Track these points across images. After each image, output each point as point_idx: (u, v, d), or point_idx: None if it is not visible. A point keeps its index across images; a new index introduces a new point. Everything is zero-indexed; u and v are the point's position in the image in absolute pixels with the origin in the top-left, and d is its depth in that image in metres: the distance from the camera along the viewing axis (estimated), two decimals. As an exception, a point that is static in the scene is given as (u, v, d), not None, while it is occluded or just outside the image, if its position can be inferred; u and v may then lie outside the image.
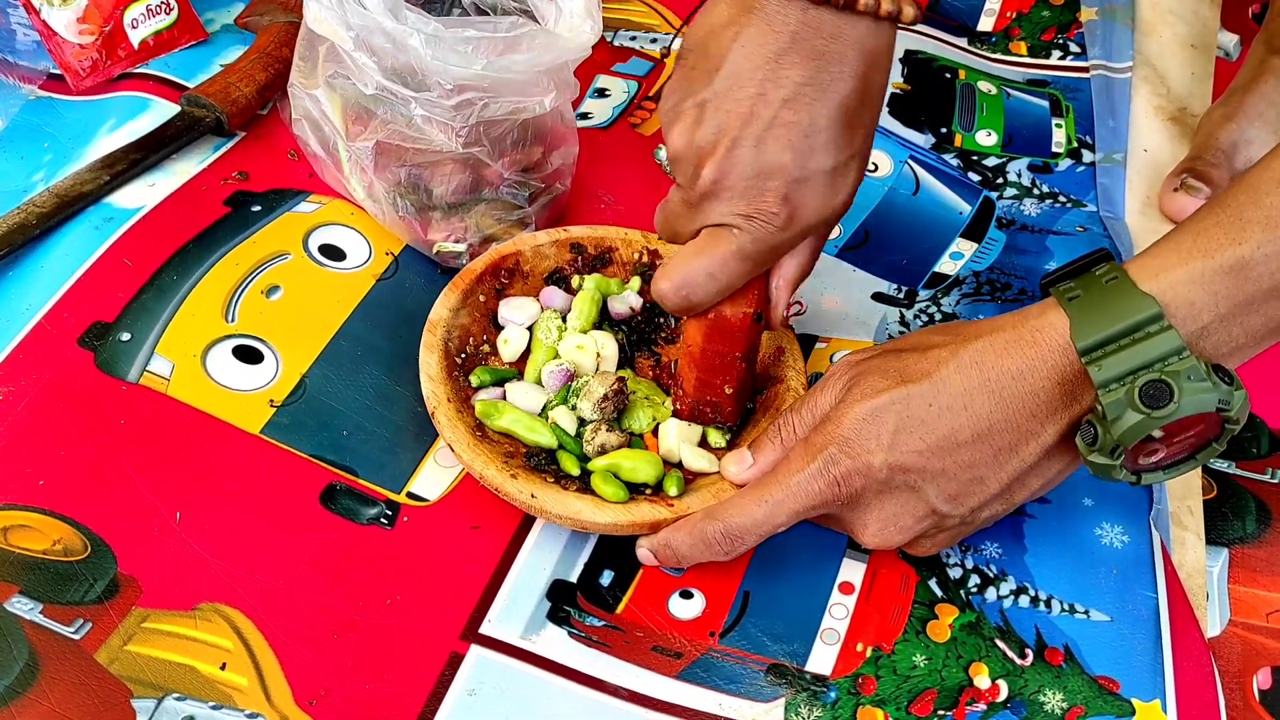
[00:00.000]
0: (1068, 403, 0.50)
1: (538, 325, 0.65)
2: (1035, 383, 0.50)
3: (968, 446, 0.51)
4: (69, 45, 0.80)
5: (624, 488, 0.58)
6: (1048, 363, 0.50)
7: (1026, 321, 0.51)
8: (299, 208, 0.73)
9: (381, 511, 0.60)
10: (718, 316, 0.58)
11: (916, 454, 0.52)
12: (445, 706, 0.53)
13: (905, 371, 0.52)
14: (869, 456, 0.52)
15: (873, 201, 0.80)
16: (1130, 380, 0.47)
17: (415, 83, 0.65)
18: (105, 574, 0.56)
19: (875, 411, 0.52)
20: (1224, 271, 0.47)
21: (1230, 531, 0.62)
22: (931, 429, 0.51)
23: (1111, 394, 0.48)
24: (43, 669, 0.52)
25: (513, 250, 0.67)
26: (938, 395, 0.51)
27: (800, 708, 0.54)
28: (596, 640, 0.56)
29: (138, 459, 0.60)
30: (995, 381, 0.51)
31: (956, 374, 0.51)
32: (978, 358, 0.51)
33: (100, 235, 0.70)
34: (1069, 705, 0.55)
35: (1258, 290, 0.47)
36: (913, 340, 0.55)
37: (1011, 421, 0.51)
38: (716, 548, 0.55)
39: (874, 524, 0.55)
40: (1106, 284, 0.49)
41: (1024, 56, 0.94)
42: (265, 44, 0.81)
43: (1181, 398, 0.47)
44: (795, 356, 0.64)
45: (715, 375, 0.60)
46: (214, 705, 0.52)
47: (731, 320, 0.58)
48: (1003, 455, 0.52)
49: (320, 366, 0.65)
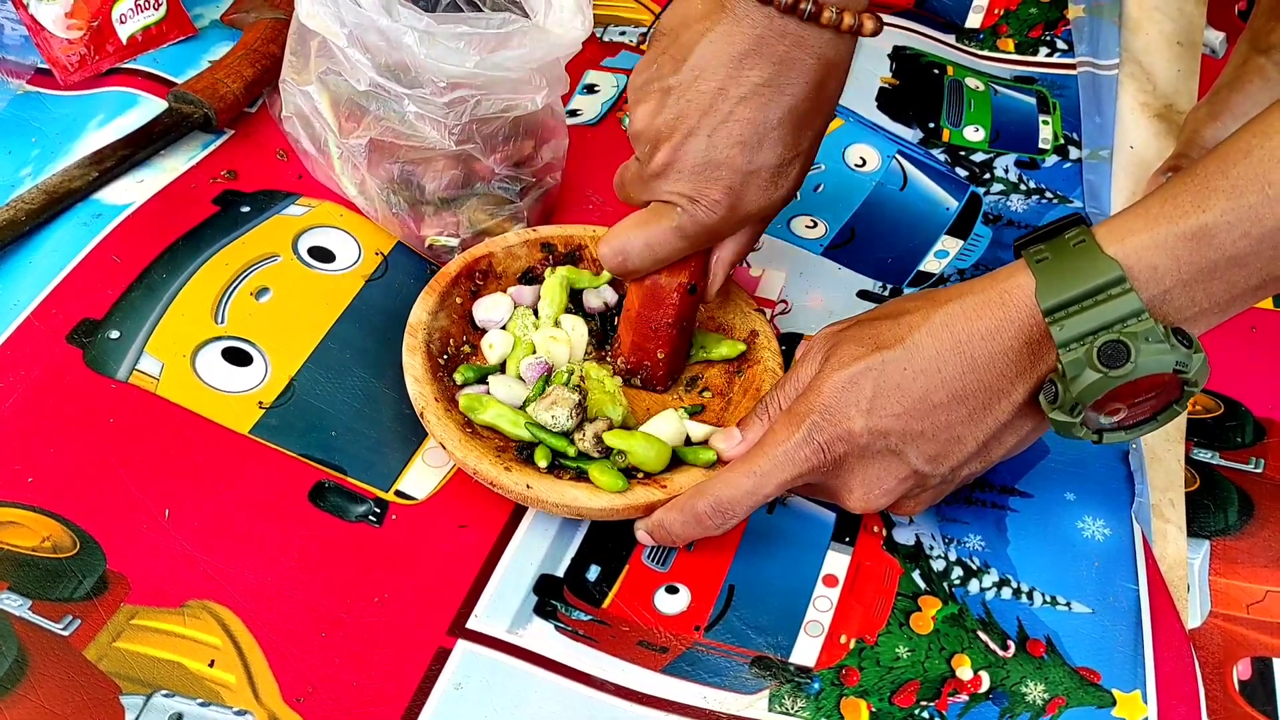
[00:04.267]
0: (1035, 362, 0.51)
1: (512, 322, 0.65)
2: (1004, 343, 0.51)
3: (944, 407, 0.53)
4: (57, 40, 0.80)
5: (622, 476, 0.58)
6: (1015, 323, 0.51)
7: (996, 284, 0.52)
8: (288, 210, 0.74)
9: (370, 509, 0.60)
10: (654, 284, 0.61)
11: (895, 417, 0.53)
12: (432, 701, 0.53)
13: (879, 338, 0.54)
14: (849, 423, 0.54)
15: (860, 197, 0.80)
16: (1090, 340, 0.49)
17: (408, 80, 0.65)
18: (94, 571, 0.56)
19: (853, 378, 0.54)
20: (1187, 237, 0.48)
21: (1212, 523, 0.63)
22: (908, 392, 0.53)
23: (1071, 353, 0.49)
24: (31, 665, 0.52)
25: (485, 252, 0.68)
26: (912, 359, 0.53)
27: (784, 699, 0.55)
28: (583, 634, 0.57)
29: (127, 457, 0.60)
30: (966, 343, 0.52)
31: (929, 337, 0.52)
32: (949, 320, 0.52)
33: (89, 232, 0.70)
34: (1050, 696, 0.55)
35: (1220, 257, 0.48)
36: (887, 309, 0.56)
37: (983, 381, 0.52)
38: (708, 522, 0.56)
39: (858, 488, 0.56)
40: (1074, 247, 0.50)
41: (1011, 53, 0.94)
42: (252, 40, 0.81)
43: (1139, 358, 0.48)
44: (769, 338, 0.65)
45: (649, 340, 0.63)
46: (202, 702, 0.52)
47: (666, 289, 0.61)
48: (978, 414, 0.53)
49: (309, 369, 0.65)
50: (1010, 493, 0.63)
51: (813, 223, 0.78)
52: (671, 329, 0.62)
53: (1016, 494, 0.63)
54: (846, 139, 0.84)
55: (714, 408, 0.64)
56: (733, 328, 0.67)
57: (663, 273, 0.61)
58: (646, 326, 0.62)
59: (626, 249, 0.60)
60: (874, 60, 0.90)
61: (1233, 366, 0.70)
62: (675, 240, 0.59)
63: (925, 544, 0.61)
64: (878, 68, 0.90)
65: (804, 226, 0.78)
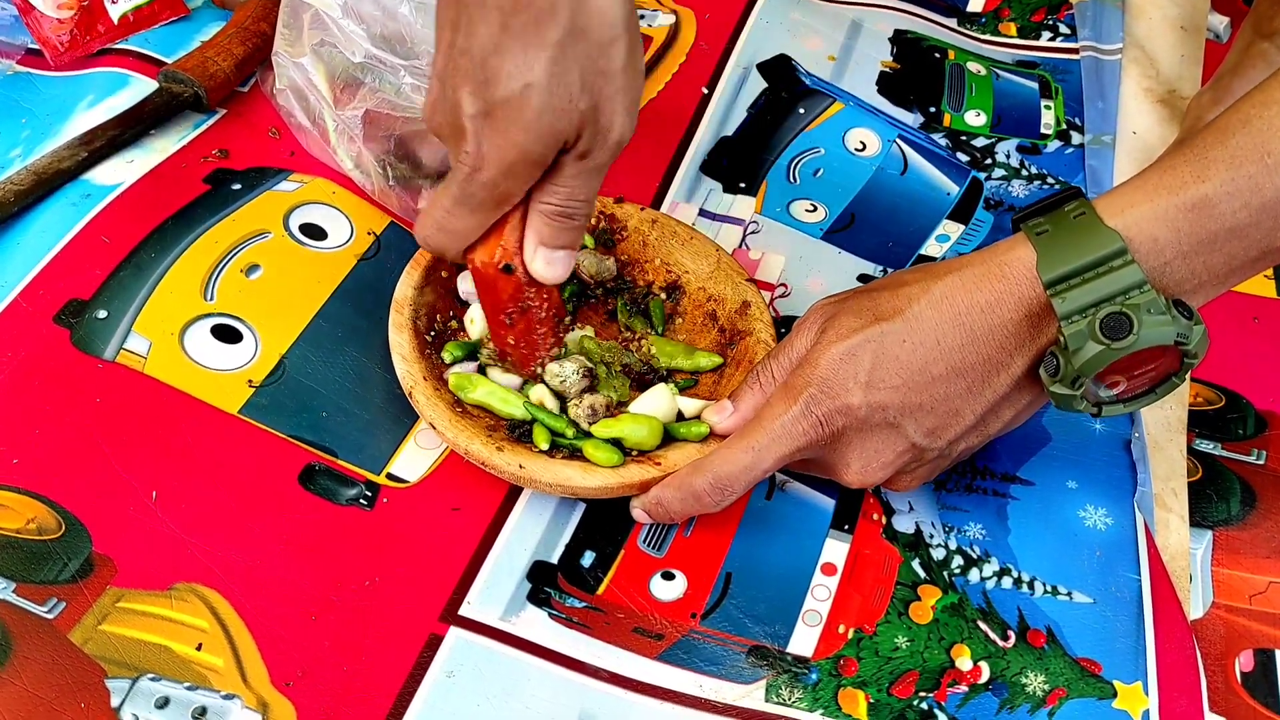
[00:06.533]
0: (1034, 335, 0.51)
1: None
2: (1004, 315, 0.51)
3: (942, 380, 0.52)
4: (47, 20, 0.79)
5: (618, 452, 0.57)
6: (1015, 295, 0.51)
7: (996, 256, 0.52)
8: (280, 186, 0.73)
9: (361, 492, 0.59)
10: (474, 270, 0.58)
11: (893, 390, 0.53)
12: (423, 688, 0.53)
13: (878, 310, 0.53)
14: (848, 396, 0.53)
15: (860, 181, 0.79)
16: (1092, 312, 0.48)
17: (404, 50, 0.64)
18: (80, 553, 0.55)
19: (851, 350, 0.53)
20: (1187, 209, 0.48)
21: (1214, 513, 0.62)
22: (906, 365, 0.52)
23: (1074, 325, 0.49)
24: (15, 649, 0.52)
25: None
26: (911, 331, 0.52)
27: (781, 689, 0.54)
28: (577, 621, 0.56)
29: (113, 437, 0.59)
30: (966, 315, 0.51)
31: (928, 309, 0.52)
32: (948, 292, 0.52)
33: (78, 212, 0.69)
34: (1051, 687, 0.55)
35: (1219, 228, 0.48)
36: (886, 281, 0.56)
37: (982, 354, 0.52)
38: (706, 499, 0.56)
39: (855, 462, 0.55)
40: (1074, 220, 0.50)
41: (1013, 38, 0.94)
42: (242, 19, 0.80)
43: (1141, 330, 0.48)
44: (761, 309, 0.64)
45: (500, 327, 0.60)
46: (189, 686, 0.52)
47: (485, 273, 0.57)
48: (976, 387, 0.53)
49: (300, 347, 0.64)
50: (1012, 481, 0.63)
51: (813, 206, 0.78)
52: (513, 314, 0.59)
53: (1018, 482, 0.63)
54: (846, 123, 0.83)
55: (706, 382, 0.64)
56: (724, 299, 0.66)
57: (476, 251, 0.57)
58: (494, 314, 0.59)
59: (422, 225, 0.56)
60: (875, 44, 0.89)
61: (1234, 358, 0.69)
62: (460, 211, 0.54)
63: (925, 532, 0.60)
64: (879, 52, 0.89)
65: (804, 210, 0.77)
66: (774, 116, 0.82)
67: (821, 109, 0.84)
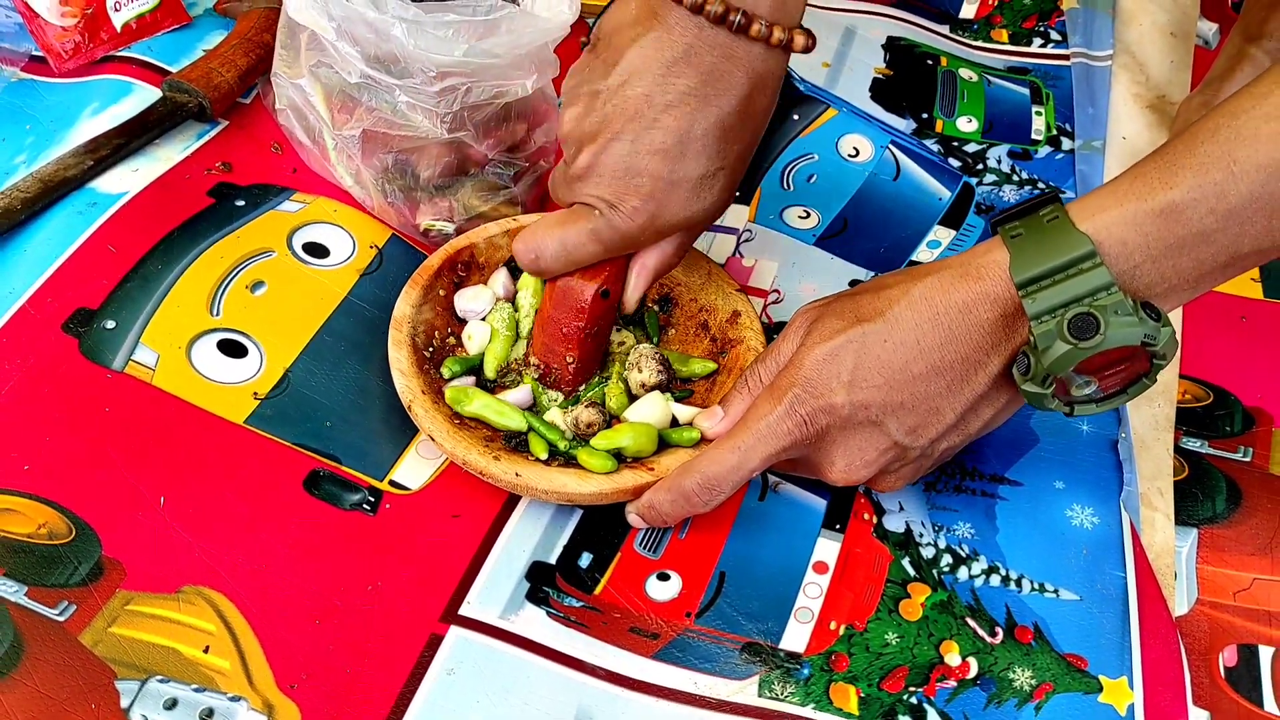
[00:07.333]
0: (1009, 334, 0.53)
1: (491, 315, 0.66)
2: (980, 315, 0.52)
3: (923, 379, 0.54)
4: (51, 27, 0.80)
5: (613, 459, 0.59)
6: (990, 296, 0.52)
7: (974, 259, 0.53)
8: (283, 206, 0.74)
9: (364, 498, 0.61)
10: (567, 287, 0.60)
11: (875, 389, 0.54)
12: (424, 686, 0.54)
13: (860, 311, 0.55)
14: (831, 395, 0.54)
15: (853, 187, 0.80)
16: (1061, 313, 0.50)
17: (398, 70, 0.65)
18: (89, 557, 0.56)
19: (834, 351, 0.54)
20: (1155, 214, 0.49)
21: (1200, 512, 0.63)
22: (887, 364, 0.54)
23: (1043, 325, 0.50)
24: (27, 651, 0.53)
25: (466, 244, 0.68)
26: (891, 332, 0.54)
27: (774, 685, 0.55)
28: (574, 620, 0.57)
29: (122, 445, 0.61)
30: (944, 315, 0.53)
31: (908, 310, 0.53)
32: (927, 293, 0.53)
33: (84, 220, 0.70)
34: (1038, 682, 0.56)
35: (1187, 233, 0.49)
36: (869, 284, 0.57)
37: (960, 352, 0.53)
38: (696, 499, 0.57)
39: (840, 460, 0.57)
40: (1048, 223, 0.51)
41: (1005, 44, 0.95)
42: (246, 29, 0.81)
43: (1108, 330, 0.49)
44: (751, 318, 0.66)
45: (559, 343, 0.62)
46: (197, 688, 0.53)
47: (578, 293, 0.60)
48: (955, 386, 0.54)
49: (304, 361, 0.66)
50: (1000, 481, 0.64)
51: (805, 213, 0.79)
52: (581, 333, 0.61)
53: (1006, 482, 0.64)
54: (839, 129, 0.84)
55: (699, 389, 0.65)
56: (715, 308, 0.67)
57: (577, 275, 0.60)
58: (557, 329, 0.61)
59: (540, 247, 0.59)
60: (868, 51, 0.91)
61: (1222, 356, 0.71)
62: (590, 244, 0.58)
63: (915, 531, 0.61)
64: (871, 58, 0.90)
65: (796, 217, 0.78)
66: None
67: (815, 115, 0.85)
